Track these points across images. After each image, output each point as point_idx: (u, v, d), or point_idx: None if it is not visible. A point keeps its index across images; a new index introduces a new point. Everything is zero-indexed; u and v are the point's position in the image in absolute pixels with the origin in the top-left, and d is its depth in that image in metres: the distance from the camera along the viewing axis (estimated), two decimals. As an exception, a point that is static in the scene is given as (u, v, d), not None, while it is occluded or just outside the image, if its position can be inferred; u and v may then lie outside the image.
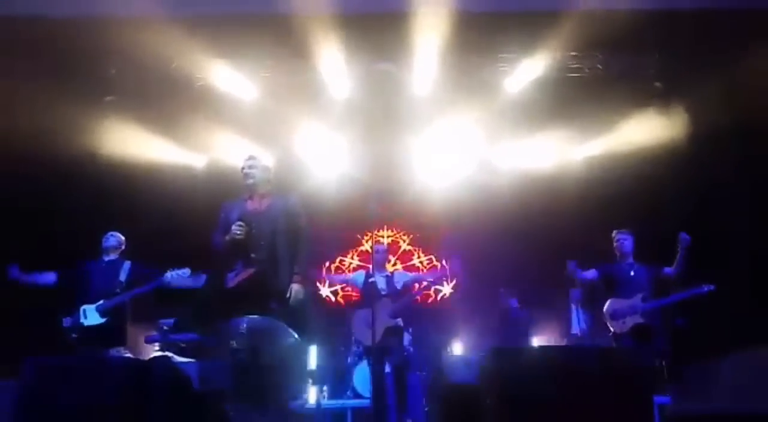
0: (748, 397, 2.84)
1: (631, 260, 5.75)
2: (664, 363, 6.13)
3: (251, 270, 4.19)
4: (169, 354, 5.69)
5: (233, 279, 4.21)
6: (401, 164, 8.20)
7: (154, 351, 6.01)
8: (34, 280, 5.55)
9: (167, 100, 7.75)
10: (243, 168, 4.48)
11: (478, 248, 7.73)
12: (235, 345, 3.58)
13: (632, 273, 5.68)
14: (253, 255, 4.21)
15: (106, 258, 5.63)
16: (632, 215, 6.33)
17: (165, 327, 6.47)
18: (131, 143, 7.52)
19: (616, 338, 5.55)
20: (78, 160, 7.04)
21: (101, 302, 5.31)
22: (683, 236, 5.48)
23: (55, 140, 6.75)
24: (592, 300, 5.95)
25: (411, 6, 6.66)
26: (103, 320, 5.28)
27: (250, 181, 4.42)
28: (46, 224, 6.88)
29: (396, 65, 7.82)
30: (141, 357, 4.72)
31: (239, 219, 4.26)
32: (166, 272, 5.26)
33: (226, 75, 7.69)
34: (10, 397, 3.12)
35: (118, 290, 5.38)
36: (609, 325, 5.59)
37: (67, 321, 5.38)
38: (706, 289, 5.46)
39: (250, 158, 4.53)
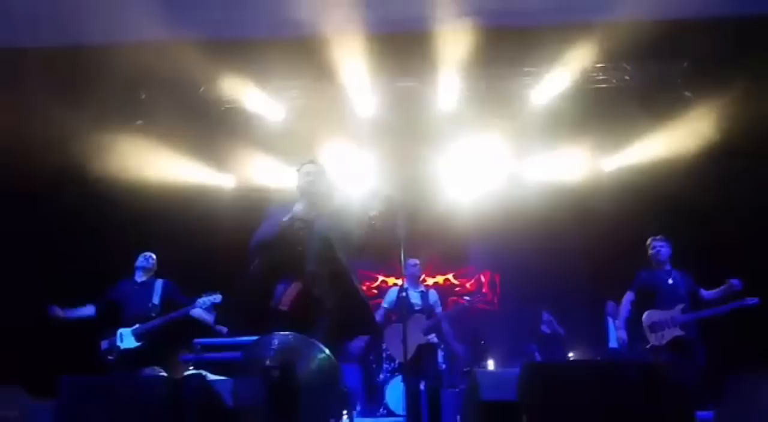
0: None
1: (668, 267, 5.62)
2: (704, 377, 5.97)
3: (299, 286, 3.82)
4: (203, 373, 5.70)
5: (283, 298, 3.83)
6: (429, 179, 8.19)
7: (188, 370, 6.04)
8: (76, 315, 5.64)
9: (197, 123, 7.87)
10: (303, 171, 4.02)
11: (508, 262, 7.64)
12: (267, 362, 3.54)
13: (671, 282, 5.54)
14: (300, 266, 3.85)
15: (139, 280, 5.69)
16: (663, 227, 6.19)
17: (199, 347, 6.52)
18: (161, 165, 7.64)
19: (655, 351, 5.41)
20: (109, 183, 7.16)
21: (137, 326, 5.39)
22: (734, 282, 5.39)
23: (86, 163, 6.90)
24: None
25: (434, 22, 6.68)
26: (138, 343, 5.36)
27: (310, 186, 3.95)
28: (78, 246, 7.00)
29: (421, 82, 7.85)
30: (175, 376, 4.73)
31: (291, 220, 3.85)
32: (197, 298, 5.34)
33: (254, 97, 7.79)
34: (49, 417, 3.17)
35: (153, 314, 5.46)
36: (648, 337, 5.46)
37: (104, 344, 5.47)
38: (750, 302, 5.30)
39: (312, 161, 4.11)
